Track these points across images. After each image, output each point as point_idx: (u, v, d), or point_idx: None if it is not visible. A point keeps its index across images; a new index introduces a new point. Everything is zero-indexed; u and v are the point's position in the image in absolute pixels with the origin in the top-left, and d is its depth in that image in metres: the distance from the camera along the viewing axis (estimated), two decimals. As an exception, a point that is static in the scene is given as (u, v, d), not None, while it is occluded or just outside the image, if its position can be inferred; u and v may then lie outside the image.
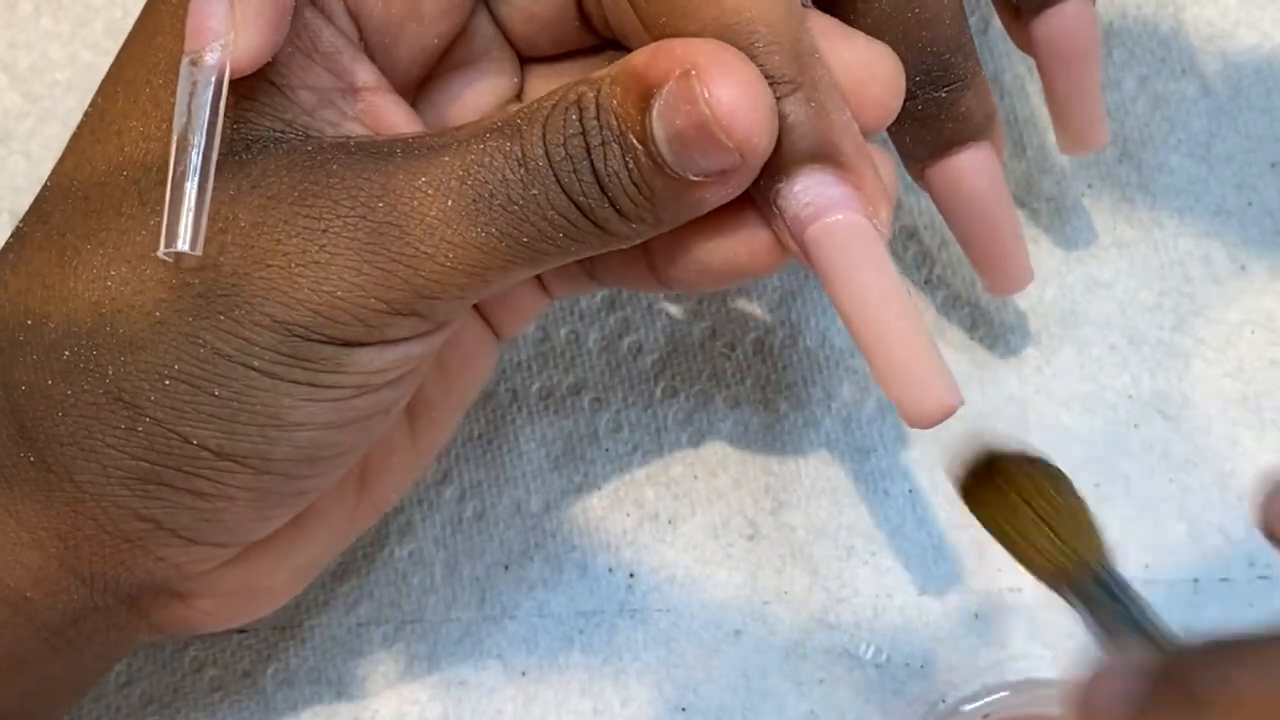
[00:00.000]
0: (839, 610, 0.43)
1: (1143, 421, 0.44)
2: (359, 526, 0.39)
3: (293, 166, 0.32)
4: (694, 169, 0.31)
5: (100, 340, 0.32)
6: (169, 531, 0.33)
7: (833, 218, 0.32)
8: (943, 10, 0.36)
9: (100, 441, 0.32)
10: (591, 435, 0.44)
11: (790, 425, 0.44)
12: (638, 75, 0.31)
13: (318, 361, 0.32)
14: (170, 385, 0.32)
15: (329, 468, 0.34)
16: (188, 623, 0.36)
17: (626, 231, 0.32)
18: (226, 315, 0.31)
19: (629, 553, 0.44)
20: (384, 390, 0.33)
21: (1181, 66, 0.45)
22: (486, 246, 0.31)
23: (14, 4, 0.48)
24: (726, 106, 0.30)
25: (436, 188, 0.31)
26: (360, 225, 0.31)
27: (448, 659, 0.43)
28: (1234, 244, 0.44)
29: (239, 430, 0.32)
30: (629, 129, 0.31)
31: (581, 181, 0.31)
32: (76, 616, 0.35)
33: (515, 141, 0.31)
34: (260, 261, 0.31)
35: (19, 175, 0.47)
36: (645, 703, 0.42)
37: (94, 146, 0.34)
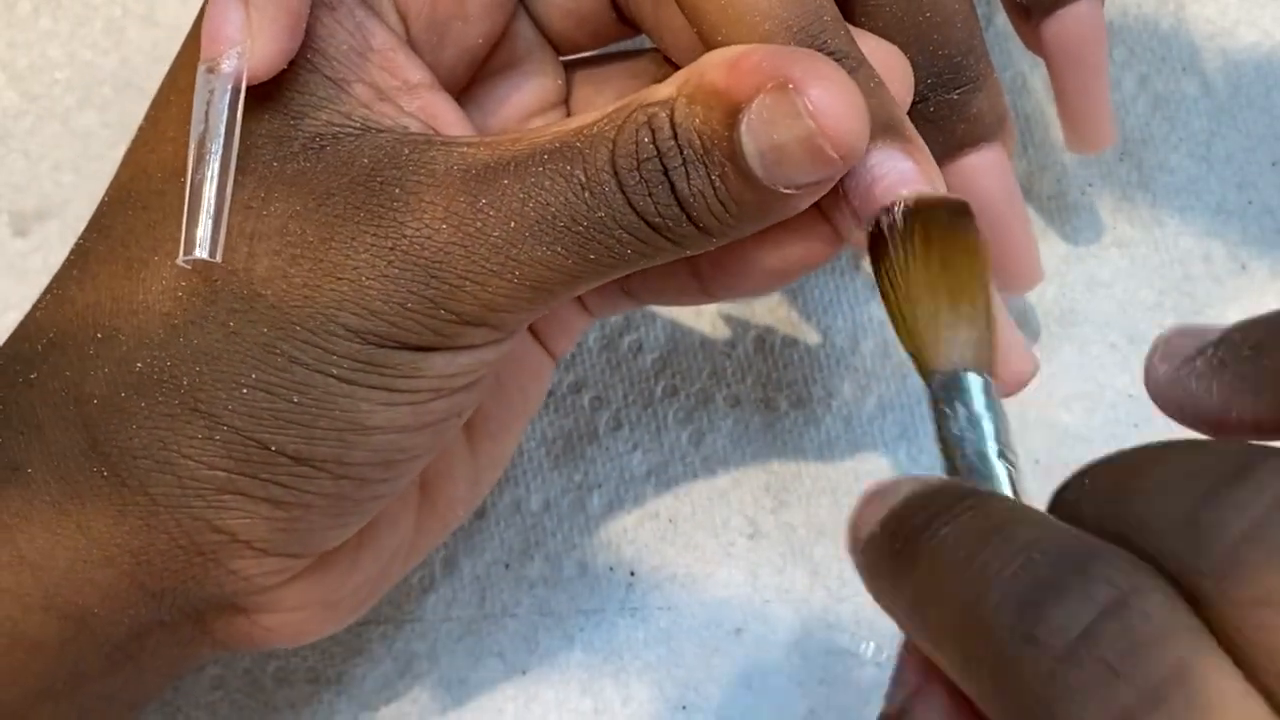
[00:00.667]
0: (839, 609, 0.43)
1: (1143, 421, 0.44)
2: (424, 544, 0.39)
3: (355, 186, 0.32)
4: (788, 181, 0.30)
5: (174, 351, 0.32)
6: (244, 544, 0.33)
7: (903, 191, 0.32)
8: (954, 14, 0.36)
9: (176, 453, 0.32)
10: (592, 434, 0.44)
11: (791, 424, 0.44)
12: (719, 92, 0.30)
13: (394, 367, 0.32)
14: (248, 394, 0.32)
15: (403, 471, 0.34)
16: (251, 639, 0.36)
17: (702, 243, 0.32)
18: (302, 325, 0.32)
19: (629, 551, 0.44)
20: (459, 394, 0.34)
21: (1182, 65, 0.45)
22: (553, 264, 0.31)
23: (13, 3, 0.48)
24: (832, 119, 0.30)
25: (498, 210, 0.31)
26: (427, 246, 0.31)
27: (448, 658, 0.43)
28: (1234, 243, 0.44)
29: (318, 435, 0.32)
30: (716, 147, 0.30)
31: (658, 204, 0.31)
32: (141, 632, 0.35)
33: (577, 165, 0.31)
34: (331, 275, 0.32)
35: (18, 174, 0.47)
36: (646, 701, 0.42)
37: (149, 156, 0.34)
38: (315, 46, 0.33)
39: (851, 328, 0.44)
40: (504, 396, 0.39)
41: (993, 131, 0.38)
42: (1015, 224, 0.39)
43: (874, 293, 0.44)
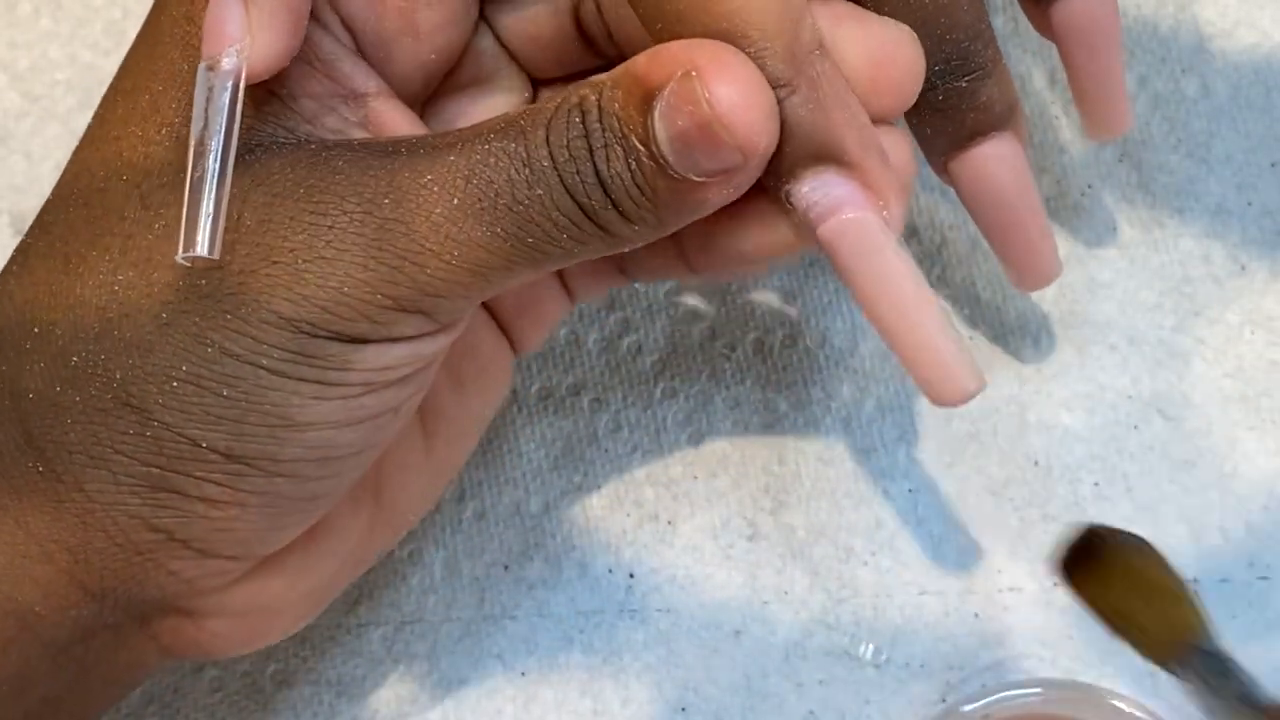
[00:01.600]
0: (839, 610, 0.43)
1: (1143, 422, 0.43)
2: (376, 547, 0.39)
3: (297, 164, 0.32)
4: (697, 169, 0.31)
5: (108, 345, 0.32)
6: (181, 543, 0.33)
7: (840, 217, 0.32)
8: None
9: (109, 448, 0.32)
10: (591, 436, 0.44)
11: (790, 425, 0.44)
12: (638, 78, 0.31)
13: (325, 359, 0.32)
14: (178, 387, 0.32)
15: (340, 469, 0.34)
16: (198, 645, 0.36)
17: (629, 233, 0.32)
18: (234, 314, 0.31)
19: (629, 553, 0.44)
20: (392, 388, 0.33)
21: (1181, 66, 0.45)
22: (491, 246, 0.31)
23: (14, 4, 0.48)
24: (726, 105, 0.30)
25: (442, 185, 0.31)
26: (367, 221, 0.31)
27: (447, 659, 0.43)
28: (1234, 244, 0.44)
29: (248, 431, 0.32)
30: (631, 131, 0.31)
31: (585, 183, 0.31)
32: (85, 634, 0.34)
33: (519, 142, 0.31)
34: (266, 259, 0.31)
35: (19, 175, 0.47)
36: (645, 703, 0.42)
37: (93, 155, 0.34)
38: None
39: (851, 329, 0.44)
40: (462, 398, 0.39)
41: (1004, 120, 0.38)
42: (1029, 216, 0.39)
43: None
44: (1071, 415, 0.44)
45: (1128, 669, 0.42)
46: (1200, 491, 0.43)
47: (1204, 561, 0.42)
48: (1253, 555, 0.42)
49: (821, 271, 0.45)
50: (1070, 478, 0.43)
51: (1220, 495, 0.43)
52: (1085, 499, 0.43)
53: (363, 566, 0.39)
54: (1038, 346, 0.44)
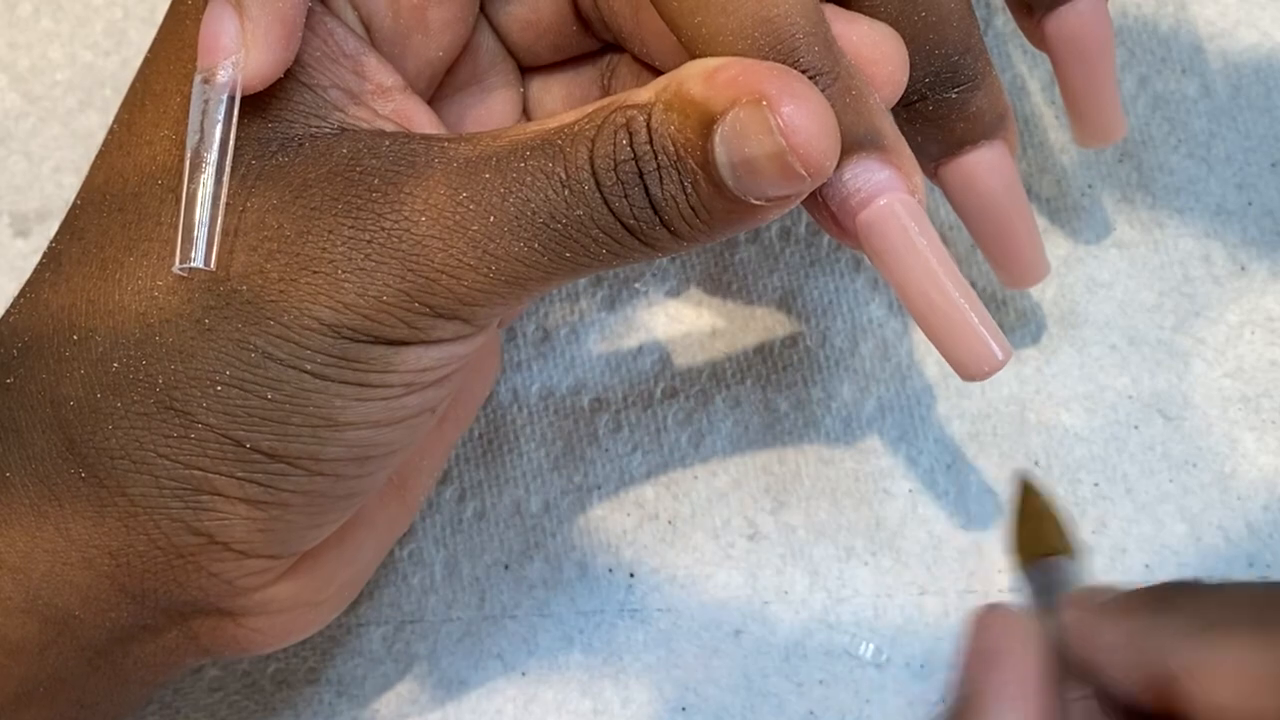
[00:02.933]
0: (839, 610, 0.43)
1: (1143, 422, 0.43)
2: (397, 532, 0.40)
3: (333, 177, 0.32)
4: (758, 194, 0.31)
5: (149, 350, 0.32)
6: (222, 545, 0.33)
7: (884, 200, 0.33)
8: (950, 13, 0.36)
9: (153, 452, 0.32)
10: (591, 435, 0.44)
11: (790, 425, 0.44)
12: (697, 103, 0.30)
13: (367, 362, 0.32)
14: (222, 391, 0.32)
15: (378, 467, 0.34)
16: (238, 643, 0.36)
17: (675, 247, 0.32)
18: (276, 320, 0.32)
19: (629, 553, 0.44)
20: (431, 389, 0.34)
21: (1182, 66, 0.45)
22: (529, 260, 0.31)
23: (14, 5, 0.48)
24: (803, 137, 0.30)
25: (478, 204, 0.31)
26: (405, 238, 0.31)
27: (448, 659, 0.43)
28: (1234, 244, 0.44)
29: (292, 432, 0.32)
30: (689, 155, 0.31)
31: (633, 206, 0.31)
32: (124, 636, 0.35)
33: (558, 163, 0.31)
34: (306, 268, 0.32)
35: (19, 175, 0.47)
36: (645, 703, 0.42)
37: (124, 159, 0.34)
38: None
39: (851, 329, 0.44)
40: (468, 382, 0.39)
41: (994, 129, 0.38)
42: (1018, 221, 0.39)
43: (874, 294, 0.45)
44: (1072, 415, 0.44)
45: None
46: (1200, 491, 0.43)
47: (1204, 561, 0.42)
48: (1253, 555, 0.42)
49: (821, 271, 0.45)
50: (1070, 478, 0.43)
51: (1220, 495, 0.43)
52: (1085, 499, 0.43)
53: (385, 553, 0.40)
54: (1038, 346, 0.44)
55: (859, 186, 0.33)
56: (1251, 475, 0.43)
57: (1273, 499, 0.43)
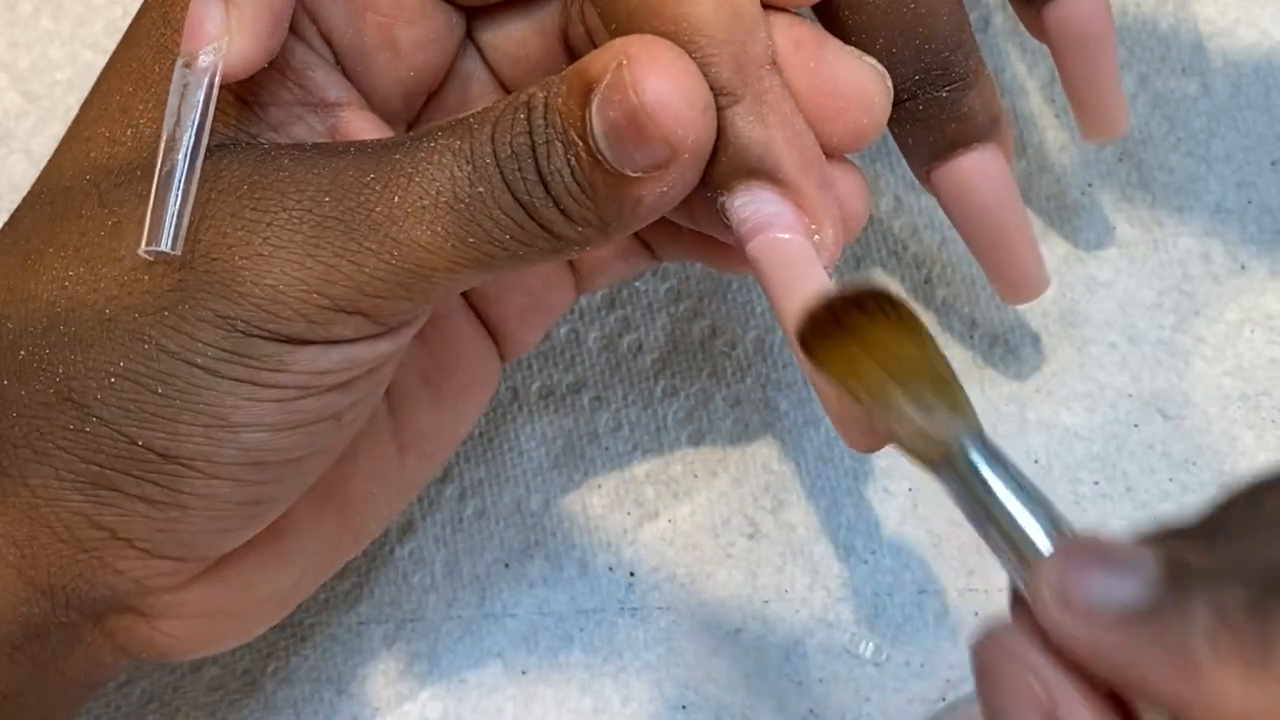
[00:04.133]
0: (839, 609, 0.43)
1: (1143, 420, 0.43)
2: (339, 557, 0.38)
3: (244, 162, 0.32)
4: (630, 163, 0.30)
5: (53, 339, 0.32)
6: (125, 542, 0.33)
7: (767, 235, 0.32)
8: (940, 6, 0.36)
9: (51, 443, 0.32)
10: (591, 434, 0.44)
11: (790, 424, 0.44)
12: (580, 72, 0.31)
13: (260, 359, 0.31)
14: (116, 383, 0.32)
15: (280, 474, 0.33)
16: (153, 645, 0.35)
17: (572, 234, 0.32)
18: (171, 311, 0.31)
19: (629, 551, 0.44)
20: (331, 394, 0.33)
21: (1181, 65, 0.45)
22: (432, 246, 0.31)
23: (14, 4, 0.48)
24: (653, 95, 0.30)
25: (384, 184, 0.31)
26: (305, 219, 0.31)
27: (448, 657, 0.43)
28: (1234, 242, 0.44)
29: (183, 431, 0.32)
30: (570, 125, 0.31)
31: (526, 180, 0.31)
32: (38, 632, 0.34)
33: (465, 140, 0.31)
34: (205, 255, 0.31)
35: (19, 175, 0.47)
36: (645, 701, 0.42)
37: (63, 155, 0.35)
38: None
39: (851, 328, 0.44)
40: (439, 415, 0.39)
41: (987, 131, 0.37)
42: (1013, 229, 0.38)
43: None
44: (1071, 414, 0.44)
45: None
46: (1200, 490, 0.43)
47: (1204, 560, 0.42)
48: (1253, 553, 0.42)
49: (821, 270, 0.45)
50: (1070, 476, 0.43)
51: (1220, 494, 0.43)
52: (1085, 498, 0.43)
53: (325, 575, 0.38)
54: (1038, 345, 0.44)
55: (746, 215, 0.32)
56: (1251, 473, 0.43)
57: (1272, 497, 0.43)
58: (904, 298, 0.31)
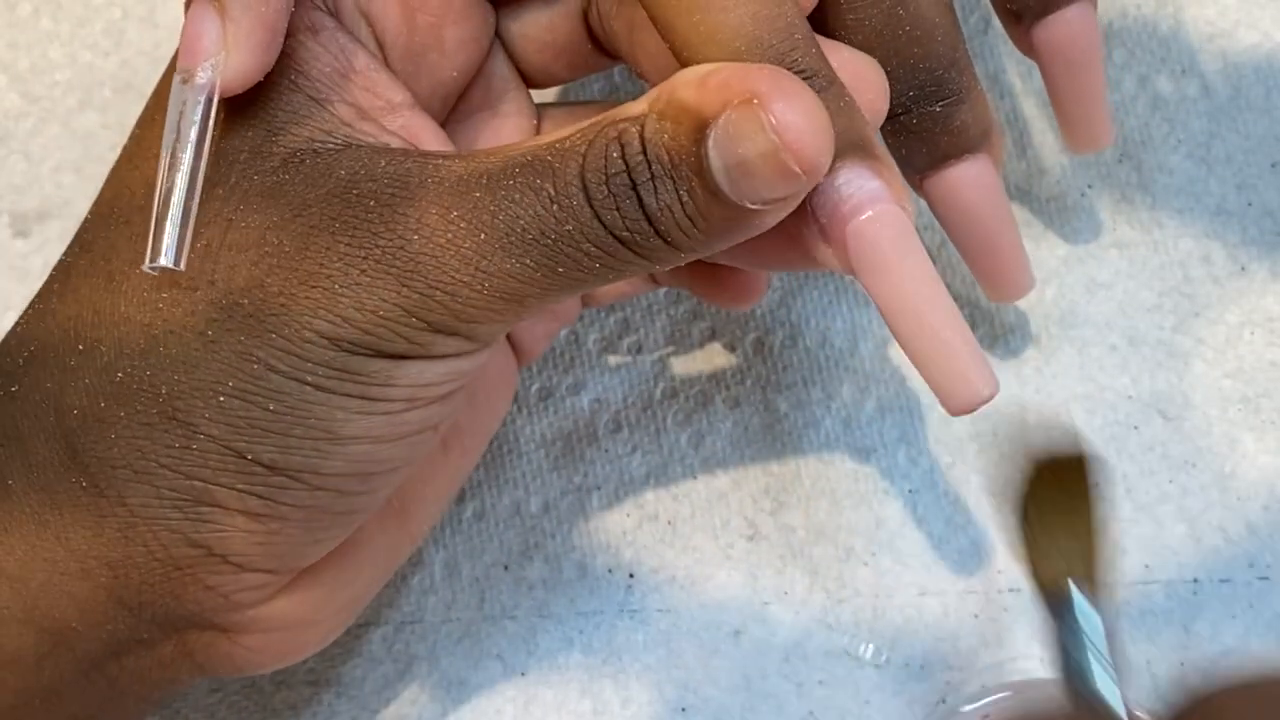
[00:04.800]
0: (839, 611, 0.43)
1: (1143, 422, 0.43)
2: (399, 559, 0.39)
3: (331, 198, 0.32)
4: (754, 197, 0.30)
5: (153, 361, 0.32)
6: (220, 558, 0.33)
7: (875, 210, 0.32)
8: (934, 27, 0.36)
9: (154, 462, 0.32)
10: (591, 436, 0.44)
11: (790, 425, 0.44)
12: (689, 109, 0.30)
13: (368, 375, 0.32)
14: (225, 402, 0.32)
15: (379, 484, 0.34)
16: (233, 660, 0.36)
17: (671, 258, 0.32)
18: (277, 333, 0.32)
19: (628, 553, 0.44)
20: (434, 405, 0.33)
21: (1181, 67, 0.45)
22: (522, 276, 0.31)
23: (14, 5, 0.48)
24: (795, 134, 0.29)
25: (469, 222, 0.31)
26: (399, 255, 0.31)
27: (447, 659, 0.43)
28: (1234, 244, 0.44)
29: (293, 444, 0.32)
30: (683, 162, 0.30)
31: (626, 218, 0.31)
32: (120, 649, 0.34)
33: (546, 179, 0.31)
34: (305, 283, 0.32)
35: (18, 175, 0.47)
36: (645, 703, 0.42)
37: (132, 173, 0.35)
38: (298, 68, 0.33)
39: (851, 330, 0.44)
40: (476, 413, 0.39)
41: (978, 144, 0.38)
42: (1002, 236, 0.39)
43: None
44: (1071, 416, 0.44)
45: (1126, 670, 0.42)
46: (1200, 492, 0.43)
47: (1204, 561, 0.42)
48: (1253, 555, 0.42)
49: (821, 273, 0.45)
50: (1070, 478, 0.43)
51: (1220, 495, 0.43)
52: (1085, 499, 0.43)
53: (386, 578, 0.39)
54: (1038, 347, 0.44)
55: (851, 193, 0.32)
56: (1251, 475, 0.43)
57: (1273, 499, 0.43)
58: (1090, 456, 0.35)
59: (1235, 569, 0.42)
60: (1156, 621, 0.42)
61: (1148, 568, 0.42)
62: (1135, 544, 0.43)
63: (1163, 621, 0.42)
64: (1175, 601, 0.42)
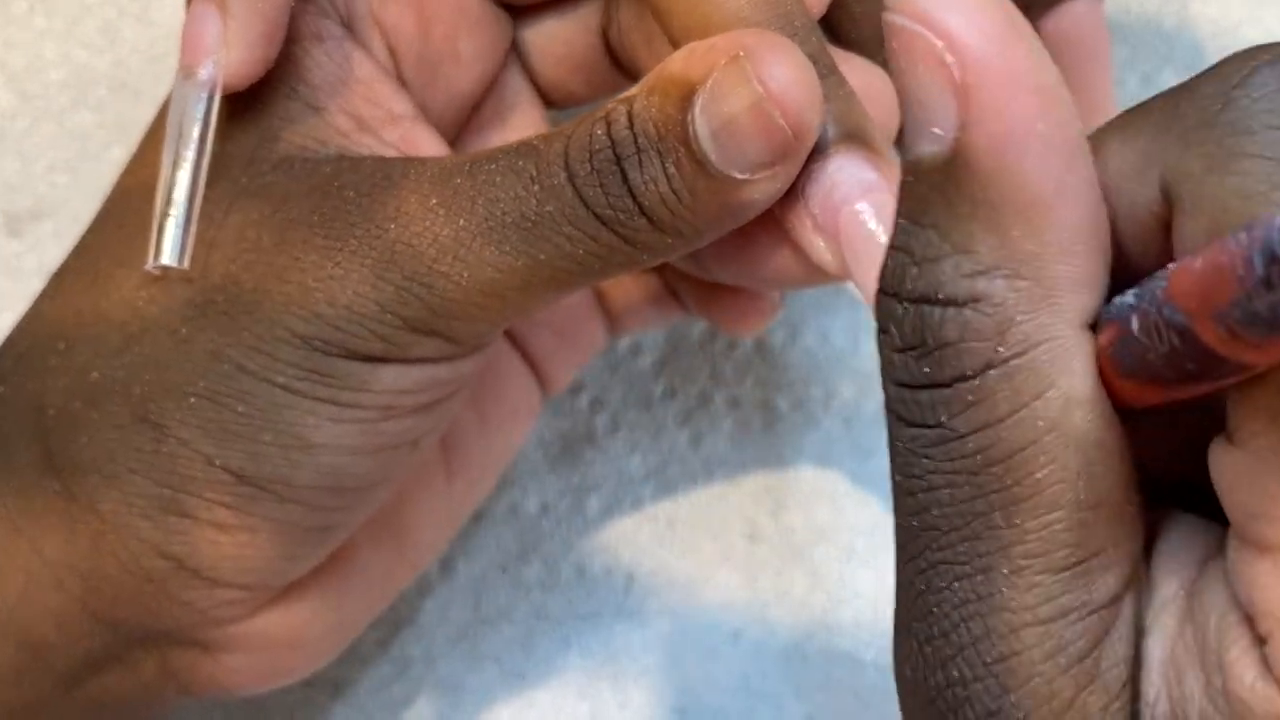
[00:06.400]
0: (839, 612, 0.43)
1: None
2: (397, 585, 0.38)
3: (313, 191, 0.32)
4: (741, 163, 0.29)
5: (127, 360, 0.32)
6: (191, 572, 0.32)
7: (870, 199, 0.31)
8: None
9: (124, 466, 0.32)
10: (589, 436, 0.44)
11: (790, 425, 0.44)
12: (675, 77, 0.30)
13: (341, 378, 0.31)
14: (195, 403, 0.31)
15: (353, 500, 0.33)
16: (216, 681, 0.35)
17: (658, 245, 0.31)
18: (249, 331, 0.31)
19: (627, 555, 0.43)
20: (411, 417, 0.33)
21: (1185, 64, 0.45)
22: (502, 265, 0.31)
23: (8, 3, 0.48)
24: (780, 83, 0.29)
25: (448, 208, 0.31)
26: (375, 245, 0.31)
27: (444, 662, 0.43)
28: (1238, 243, 0.44)
29: (262, 451, 0.32)
30: (669, 133, 0.30)
31: (609, 195, 0.30)
32: (98, 666, 0.34)
33: (530, 160, 0.31)
34: (280, 278, 0.31)
35: (12, 174, 0.47)
36: (643, 706, 0.42)
37: (131, 179, 0.35)
38: (299, 74, 0.33)
39: (851, 329, 0.44)
40: (487, 439, 0.39)
41: None
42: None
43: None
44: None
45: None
46: (1204, 493, 0.43)
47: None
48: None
49: (822, 271, 0.45)
50: (1073, 479, 0.43)
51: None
52: (1088, 500, 0.43)
53: (382, 604, 0.38)
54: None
55: (845, 179, 0.30)
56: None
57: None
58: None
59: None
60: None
61: (1151, 569, 0.42)
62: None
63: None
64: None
